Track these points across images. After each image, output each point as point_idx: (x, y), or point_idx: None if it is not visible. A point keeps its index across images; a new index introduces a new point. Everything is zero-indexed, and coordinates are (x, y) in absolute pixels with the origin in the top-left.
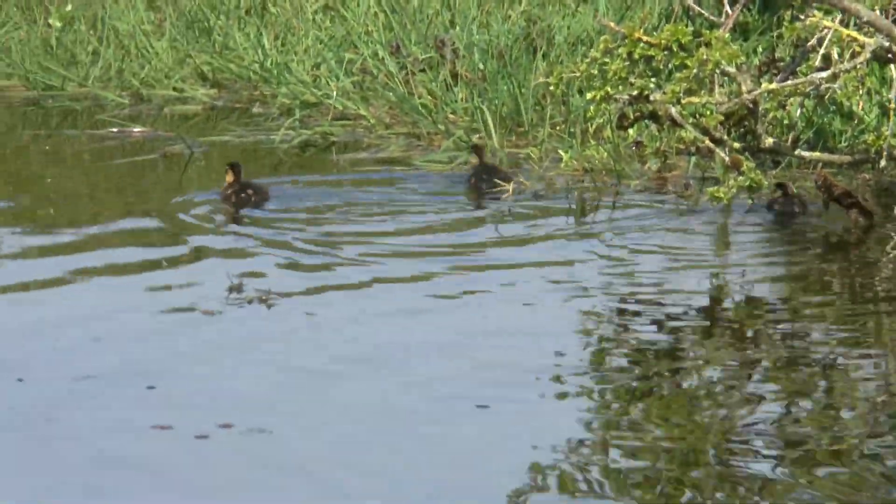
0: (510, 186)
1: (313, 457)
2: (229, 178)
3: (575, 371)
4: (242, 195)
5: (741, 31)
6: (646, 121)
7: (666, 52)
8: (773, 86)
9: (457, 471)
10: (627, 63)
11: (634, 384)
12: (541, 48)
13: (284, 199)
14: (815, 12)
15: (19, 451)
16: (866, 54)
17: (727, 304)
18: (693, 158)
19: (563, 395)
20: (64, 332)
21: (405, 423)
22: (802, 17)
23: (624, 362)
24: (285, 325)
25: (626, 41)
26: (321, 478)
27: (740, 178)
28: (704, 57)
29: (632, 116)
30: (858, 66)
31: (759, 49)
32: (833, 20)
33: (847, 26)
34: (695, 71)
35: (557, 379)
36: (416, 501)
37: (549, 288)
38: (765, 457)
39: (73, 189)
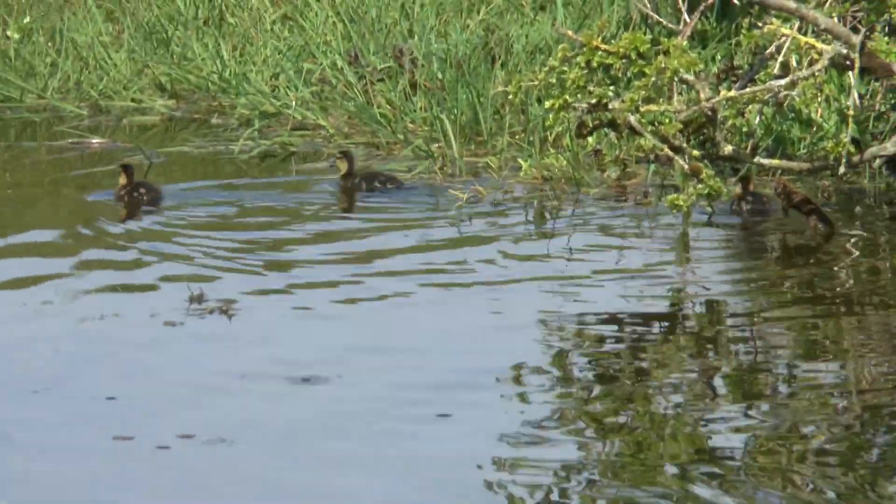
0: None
1: (275, 466)
2: (122, 180)
3: (535, 377)
4: (135, 195)
5: (699, 38)
6: (605, 129)
7: (624, 61)
8: (732, 93)
9: (416, 477)
10: (586, 71)
11: (595, 390)
12: (499, 57)
13: (177, 199)
14: (773, 20)
15: None
16: (824, 62)
17: (687, 310)
18: (652, 166)
19: (522, 400)
20: (19, 343)
21: (370, 431)
22: (760, 24)
23: (584, 368)
24: (246, 335)
25: (585, 50)
26: (282, 487)
27: (699, 185)
28: (663, 65)
29: (591, 125)
30: (817, 74)
31: (718, 57)
32: (791, 28)
33: (805, 34)
34: (653, 79)
35: (517, 382)
36: None
37: (507, 294)
38: (725, 464)
39: (28, 198)
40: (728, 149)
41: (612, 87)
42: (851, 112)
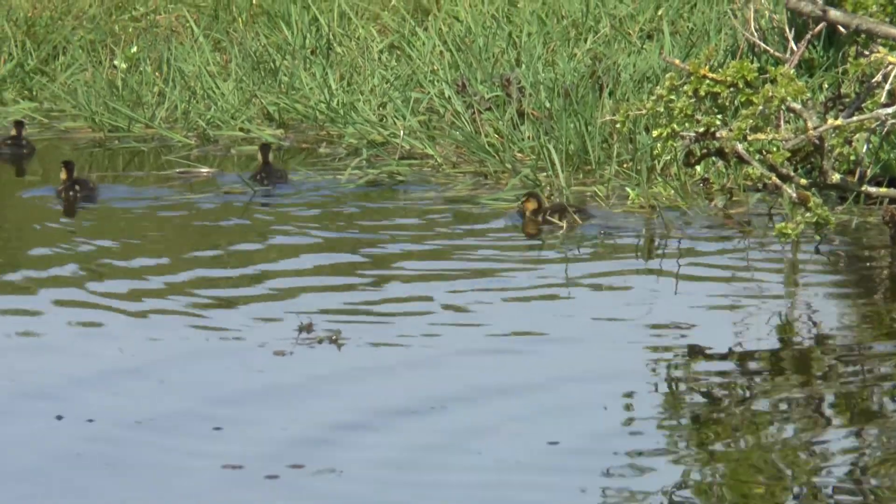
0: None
1: (384, 498)
2: (63, 175)
3: (644, 409)
4: (70, 192)
5: (806, 67)
6: (713, 158)
7: (731, 89)
8: (839, 122)
9: None
10: (693, 100)
11: (704, 421)
12: (607, 86)
13: (112, 195)
14: (880, 48)
15: (86, 495)
16: None
17: (795, 340)
18: (757, 195)
19: (633, 434)
20: (122, 373)
21: (476, 464)
22: (867, 53)
23: (693, 399)
24: (355, 364)
25: (692, 78)
26: None
27: (807, 214)
28: (770, 93)
29: (699, 153)
30: None
31: (825, 85)
32: None
33: None
34: (760, 107)
35: (627, 417)
36: None
37: (617, 324)
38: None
39: (136, 230)
40: (836, 177)
41: (719, 116)
42: None
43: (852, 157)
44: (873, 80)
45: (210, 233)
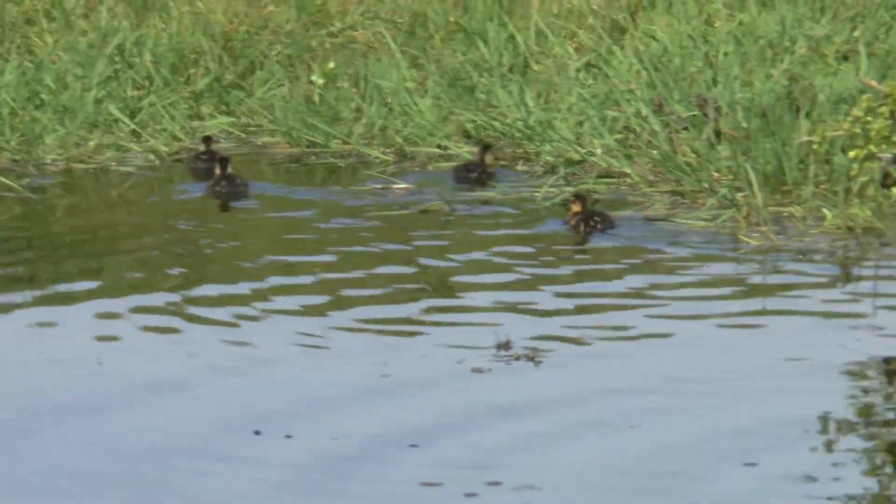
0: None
1: None
2: (217, 171)
3: (843, 439)
4: (217, 188)
5: None
6: None
7: None
8: None
9: None
10: (890, 121)
11: None
12: (803, 107)
13: (259, 194)
14: None
15: None
16: None
17: None
18: None
19: (830, 452)
20: (322, 390)
21: (672, 479)
22: None
23: (892, 428)
24: (551, 382)
25: (889, 100)
26: None
27: None
28: None
29: (895, 175)
30: None
31: None
32: None
33: None
34: None
35: (825, 434)
36: None
37: (812, 348)
38: None
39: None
40: None
41: None
42: None
43: None
44: None
45: (403, 244)
